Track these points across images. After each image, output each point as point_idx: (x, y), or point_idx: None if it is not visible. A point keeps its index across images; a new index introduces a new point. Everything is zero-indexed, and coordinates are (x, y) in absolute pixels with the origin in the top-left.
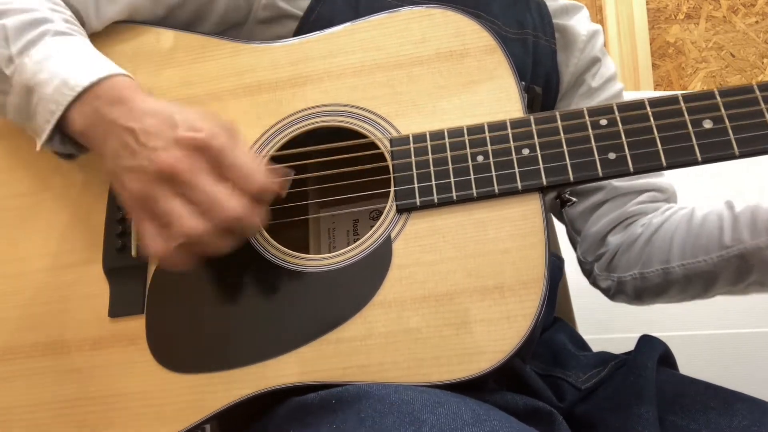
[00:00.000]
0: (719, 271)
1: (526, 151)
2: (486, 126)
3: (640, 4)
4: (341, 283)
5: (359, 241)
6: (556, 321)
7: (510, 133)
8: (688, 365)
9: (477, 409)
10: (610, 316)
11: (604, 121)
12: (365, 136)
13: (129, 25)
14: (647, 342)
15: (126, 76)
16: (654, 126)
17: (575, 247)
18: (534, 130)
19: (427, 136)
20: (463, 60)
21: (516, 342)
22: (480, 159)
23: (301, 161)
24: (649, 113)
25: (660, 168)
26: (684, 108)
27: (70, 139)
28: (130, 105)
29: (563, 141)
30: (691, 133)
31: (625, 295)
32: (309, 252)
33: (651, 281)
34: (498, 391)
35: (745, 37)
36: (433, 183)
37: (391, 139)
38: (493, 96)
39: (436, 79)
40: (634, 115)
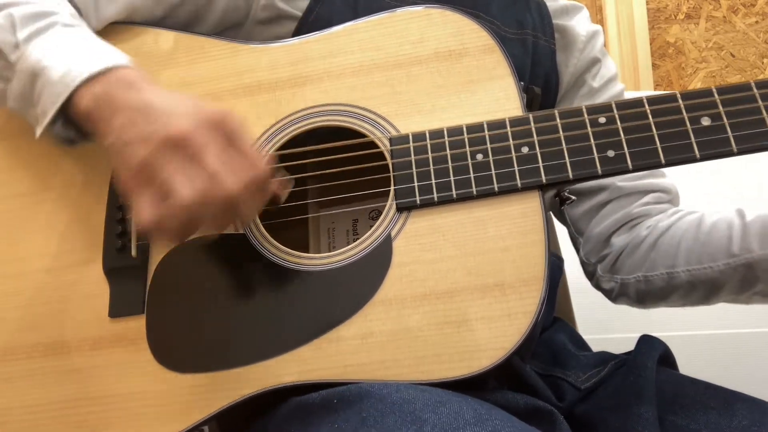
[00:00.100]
0: (725, 279)
1: (526, 150)
2: (485, 124)
3: (640, 4)
4: (342, 282)
5: (359, 240)
6: (556, 321)
7: (509, 132)
8: (688, 365)
9: (478, 408)
10: (610, 316)
11: (602, 119)
12: (365, 136)
13: (128, 25)
14: (647, 342)
15: (133, 69)
16: (652, 123)
17: (578, 249)
18: (533, 129)
19: (427, 134)
20: (461, 59)
21: (517, 339)
22: (479, 157)
23: (301, 161)
24: (648, 111)
25: (659, 165)
26: (682, 105)
27: (72, 124)
28: (142, 92)
29: (562, 139)
30: (690, 130)
31: (627, 297)
32: (309, 252)
33: (655, 285)
34: (499, 390)
35: (745, 37)
36: (433, 181)
37: (390, 138)
38: (492, 95)
39: (435, 78)
40: (633, 113)
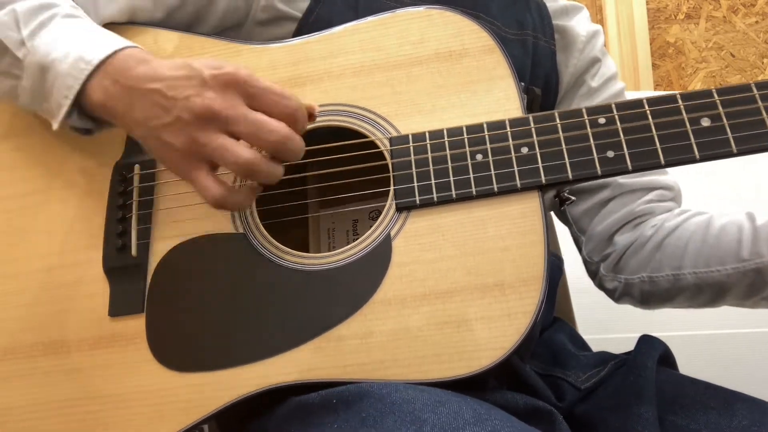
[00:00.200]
0: (732, 284)
1: (525, 150)
2: (485, 125)
3: (640, 4)
4: (341, 282)
5: (359, 240)
6: (555, 321)
7: (509, 132)
8: (688, 365)
9: (478, 408)
10: (610, 316)
11: (602, 120)
12: (365, 136)
13: (128, 26)
14: (647, 342)
15: (138, 48)
16: (652, 124)
17: (580, 248)
18: (533, 129)
19: (427, 135)
20: (461, 60)
21: (516, 339)
22: (479, 158)
23: (301, 161)
24: (648, 112)
25: (658, 166)
26: (682, 106)
27: (87, 115)
28: (147, 69)
29: (562, 139)
30: (689, 131)
31: (631, 297)
32: (309, 252)
33: (660, 286)
34: (498, 390)
35: (745, 37)
36: (433, 182)
37: (390, 139)
38: (492, 96)
39: (435, 78)
40: (633, 113)
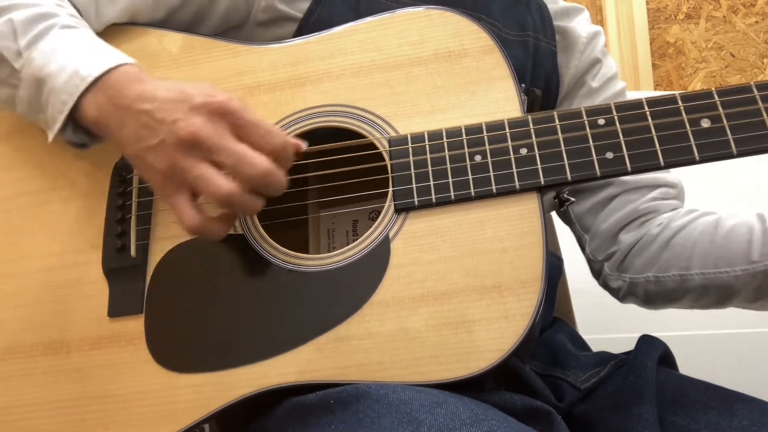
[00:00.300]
0: (740, 286)
1: (524, 151)
2: (484, 126)
3: (640, 4)
4: (340, 283)
5: (357, 241)
6: (555, 321)
7: (508, 133)
8: (688, 365)
9: (475, 408)
10: (610, 316)
11: (602, 121)
12: (364, 137)
13: (129, 27)
14: (647, 342)
15: (134, 65)
16: (652, 125)
17: (583, 247)
18: (532, 130)
19: (425, 136)
20: (461, 60)
21: (514, 341)
22: (478, 159)
23: (301, 161)
24: (647, 113)
25: (658, 167)
26: (682, 107)
27: (82, 129)
28: (141, 90)
29: (561, 140)
30: (689, 132)
31: (635, 297)
32: (308, 252)
33: (666, 286)
34: (496, 390)
35: (745, 37)
36: (431, 183)
37: (389, 140)
38: (491, 96)
39: (434, 79)
40: (632, 114)
